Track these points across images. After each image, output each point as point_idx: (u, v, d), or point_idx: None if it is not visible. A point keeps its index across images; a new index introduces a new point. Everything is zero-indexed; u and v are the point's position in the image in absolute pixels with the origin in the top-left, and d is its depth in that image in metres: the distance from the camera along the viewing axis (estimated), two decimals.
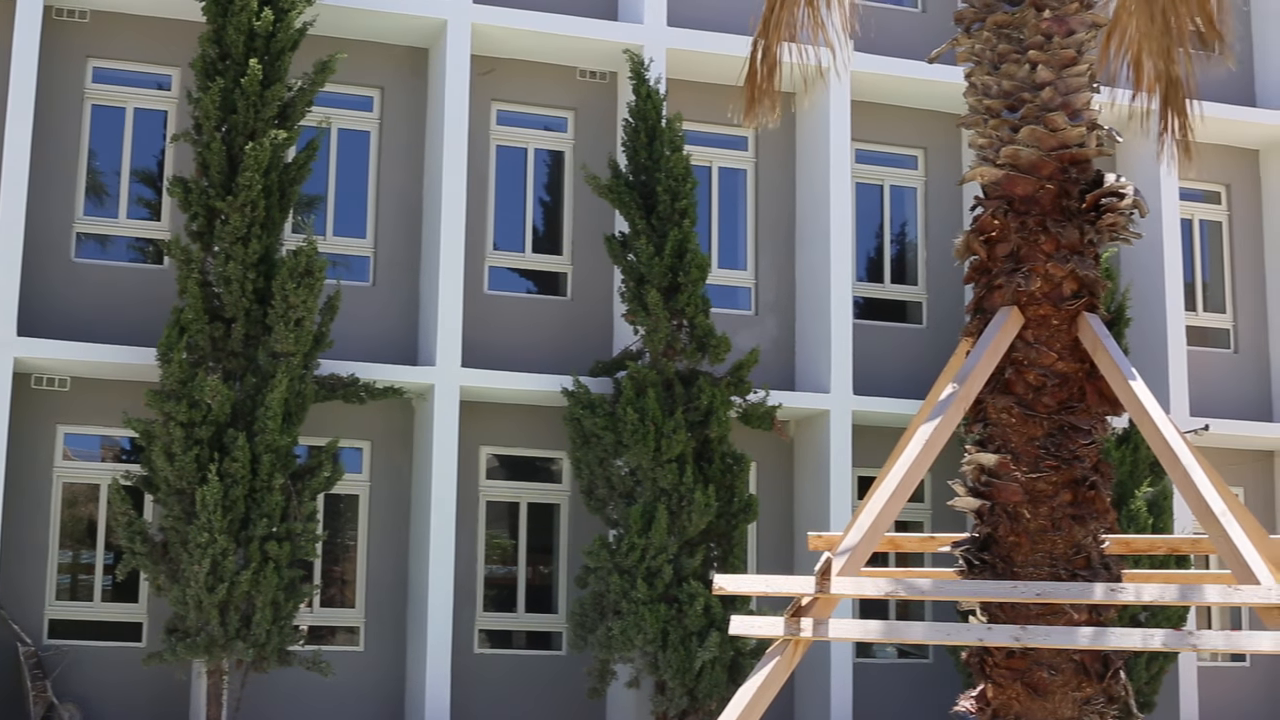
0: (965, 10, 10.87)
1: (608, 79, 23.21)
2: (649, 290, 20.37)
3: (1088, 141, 10.53)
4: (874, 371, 23.52)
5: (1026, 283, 10.24)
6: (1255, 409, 26.09)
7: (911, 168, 24.79)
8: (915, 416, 10.45)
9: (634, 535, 19.77)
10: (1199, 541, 11.05)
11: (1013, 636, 9.07)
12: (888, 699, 23.17)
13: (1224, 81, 26.34)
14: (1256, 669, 25.52)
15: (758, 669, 9.21)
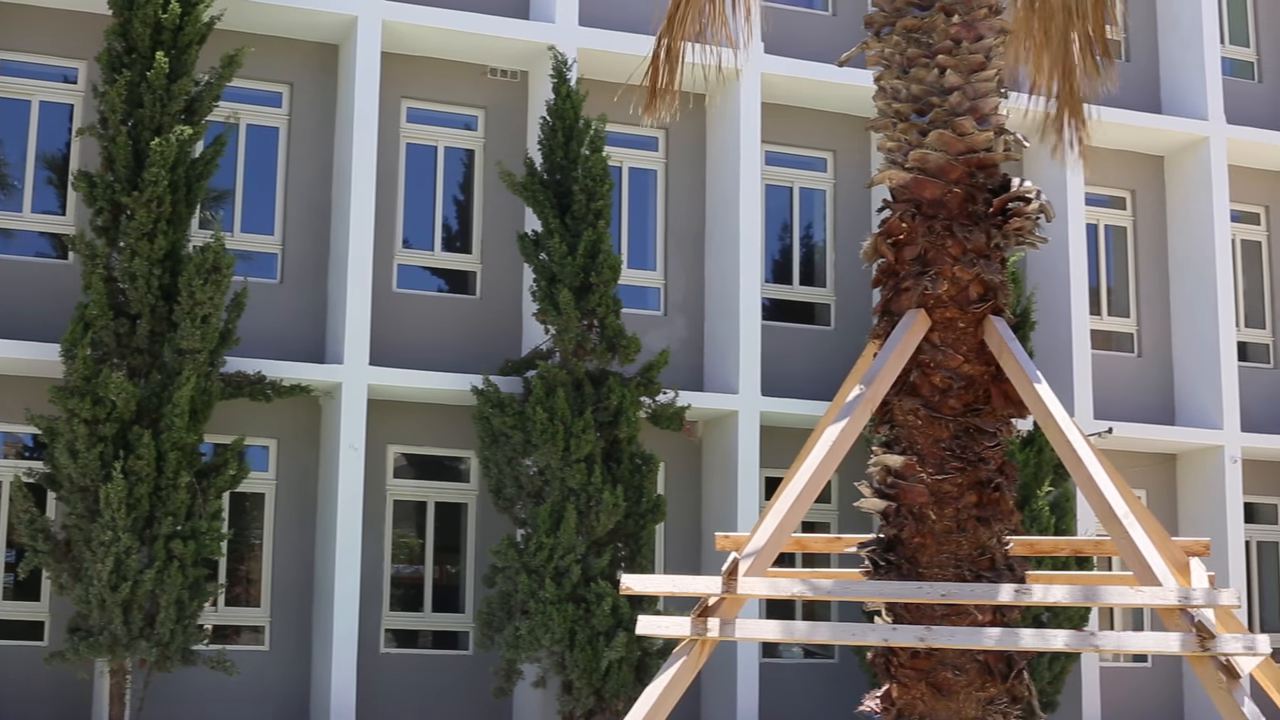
0: (875, 14, 10.92)
1: (519, 78, 23.17)
2: (561, 290, 20.34)
3: (995, 146, 10.61)
4: (782, 373, 23.59)
5: (933, 286, 10.30)
6: (1158, 412, 26.37)
7: (821, 170, 24.89)
8: (822, 418, 10.49)
9: (542, 535, 19.74)
10: (1102, 543, 11.15)
11: (917, 637, 9.12)
12: (794, 699, 23.25)
13: (1130, 89, 26.63)
14: (1157, 669, 25.80)
15: (664, 669, 9.22)
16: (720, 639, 9.25)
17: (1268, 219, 27.85)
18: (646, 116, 11.73)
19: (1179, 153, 26.84)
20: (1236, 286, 27.19)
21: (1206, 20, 26.39)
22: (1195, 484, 26.09)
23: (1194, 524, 25.80)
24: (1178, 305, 26.66)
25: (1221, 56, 27.40)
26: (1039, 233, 10.60)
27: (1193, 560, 10.58)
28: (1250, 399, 26.74)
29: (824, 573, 11.49)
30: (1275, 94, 28.17)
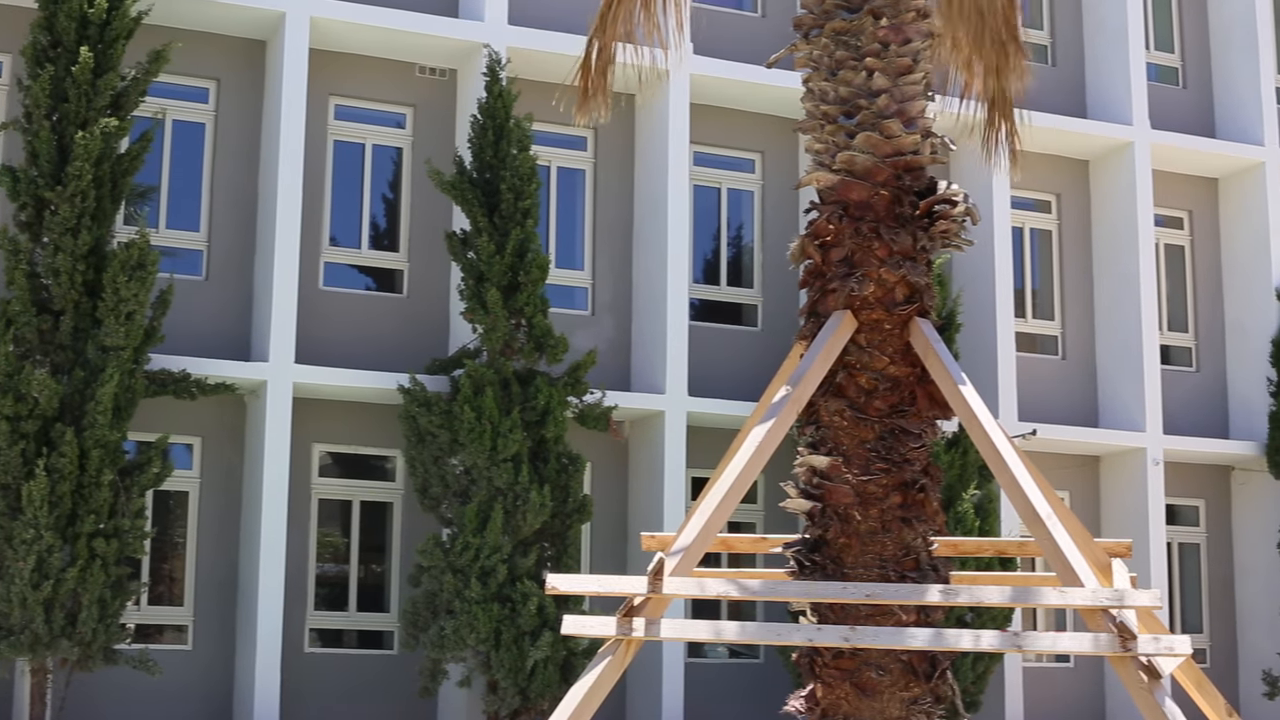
0: (804, 16, 10.95)
1: (448, 76, 23.12)
2: (488, 289, 20.31)
3: (922, 149, 10.66)
4: (709, 373, 23.63)
5: (860, 287, 10.34)
6: (1082, 414, 26.57)
7: (749, 171, 24.95)
8: (749, 418, 10.51)
9: (468, 534, 19.70)
10: (1025, 544, 11.22)
11: (842, 637, 9.15)
12: (719, 699, 23.29)
13: (1056, 93, 26.82)
14: (1080, 669, 25.99)
15: (590, 668, 9.22)
16: (645, 639, 9.25)
17: (1191, 224, 28.11)
18: (579, 118, 11.73)
19: (1104, 157, 27.05)
20: (1160, 290, 27.42)
21: (1132, 26, 26.61)
22: (1118, 486, 26.30)
23: (1116, 525, 26.00)
24: (1101, 308, 26.87)
25: (1146, 62, 27.63)
26: (965, 235, 10.65)
27: (1115, 561, 10.66)
28: (1172, 402, 26.98)
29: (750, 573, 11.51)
30: (1199, 100, 28.43)
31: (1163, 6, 28.52)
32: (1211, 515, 27.61)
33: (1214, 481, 27.65)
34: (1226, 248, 28.12)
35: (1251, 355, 27.31)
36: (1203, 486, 27.53)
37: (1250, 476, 27.23)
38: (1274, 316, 26.89)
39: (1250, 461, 27.04)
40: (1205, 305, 27.97)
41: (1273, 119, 27.55)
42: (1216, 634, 27.24)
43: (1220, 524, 27.61)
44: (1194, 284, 28.00)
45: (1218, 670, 26.86)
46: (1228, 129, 28.08)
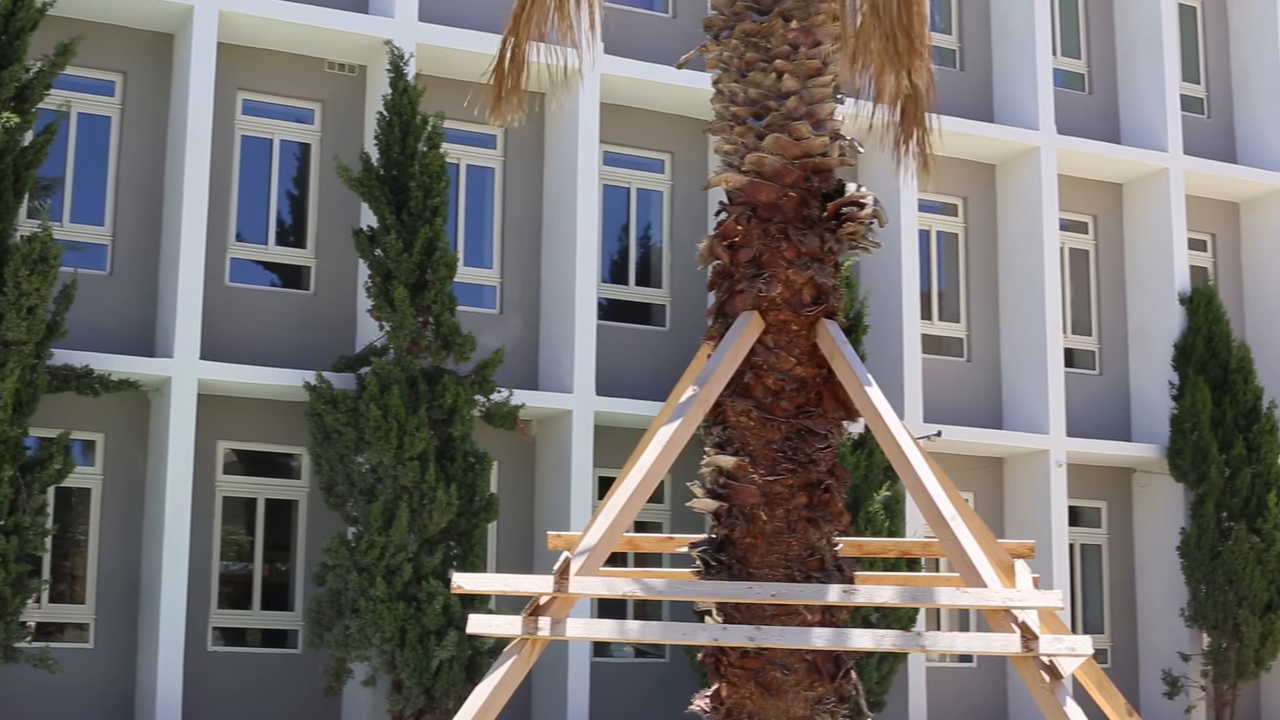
0: (715, 18, 10.98)
1: (357, 72, 23.01)
2: (396, 286, 20.24)
3: (830, 151, 10.71)
4: (617, 373, 23.64)
5: (767, 288, 10.38)
6: (986, 416, 26.78)
7: (658, 171, 24.98)
8: (656, 418, 10.53)
9: (374, 533, 19.63)
10: (930, 545, 11.30)
11: (747, 636, 9.18)
12: (625, 698, 23.31)
13: (964, 98, 27.01)
14: (982, 669, 26.18)
15: (495, 668, 9.20)
16: (551, 638, 9.25)
17: (1095, 228, 28.39)
18: (493, 119, 11.71)
19: (1010, 161, 27.26)
20: (1064, 294, 27.68)
21: (1039, 32, 26.83)
22: (1021, 487, 26.52)
23: (1020, 526, 26.22)
24: (1007, 311, 27.09)
25: (1053, 68, 27.88)
26: (872, 238, 10.70)
27: (1018, 562, 10.75)
28: (1076, 404, 27.24)
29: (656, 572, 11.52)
30: (1105, 105, 28.72)
31: (1070, 13, 28.79)
32: (1113, 517, 27.89)
33: (1116, 483, 27.93)
34: (1130, 252, 28.41)
35: (1154, 359, 27.61)
36: (1105, 488, 27.80)
37: (1151, 479, 27.53)
38: (1176, 321, 27.20)
39: (1152, 464, 27.34)
40: (1109, 309, 28.26)
41: (1177, 125, 27.87)
42: (1117, 634, 27.53)
43: (1122, 525, 27.90)
44: (1098, 288, 28.28)
45: (1118, 670, 27.14)
46: (1133, 135, 28.39)
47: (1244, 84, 29.79)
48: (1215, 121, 29.81)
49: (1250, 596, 25.65)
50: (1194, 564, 26.18)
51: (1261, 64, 29.40)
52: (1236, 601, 25.76)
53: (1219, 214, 29.50)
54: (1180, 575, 26.63)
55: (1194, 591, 26.24)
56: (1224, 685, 26.14)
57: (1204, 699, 26.42)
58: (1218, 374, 26.72)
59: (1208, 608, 25.98)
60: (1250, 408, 26.62)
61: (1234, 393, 26.60)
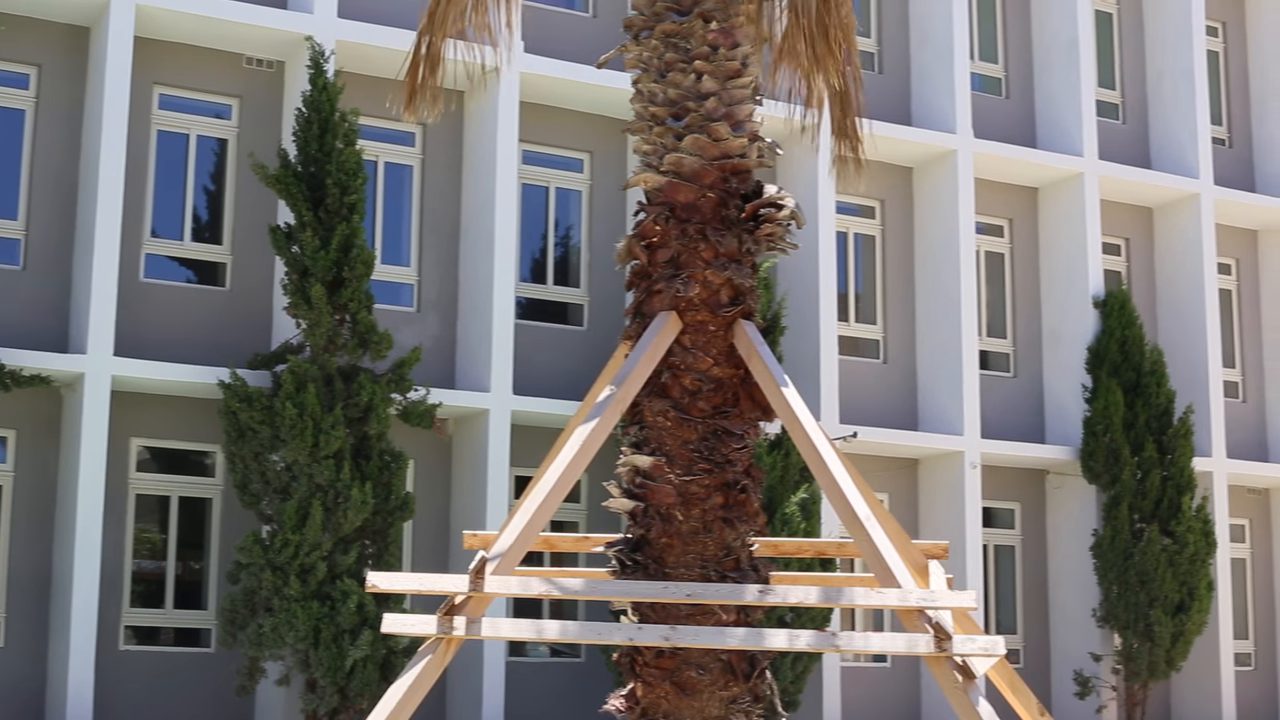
0: (635, 18, 10.98)
1: (275, 68, 22.87)
2: (313, 284, 20.14)
3: (749, 152, 10.73)
4: (534, 372, 23.62)
5: (685, 289, 10.39)
6: (902, 417, 26.92)
7: (577, 171, 24.96)
8: (573, 418, 10.53)
9: (288, 531, 19.52)
10: (845, 545, 11.34)
11: (662, 636, 9.19)
12: (540, 698, 23.28)
13: (882, 101, 27.13)
14: (896, 669, 26.32)
15: (409, 667, 9.18)
16: (466, 638, 9.23)
17: (1011, 232, 28.59)
18: (408, 115, 11.66)
19: (927, 164, 27.42)
20: (979, 297, 27.86)
21: (957, 36, 27.00)
22: (936, 488, 26.68)
23: (934, 527, 26.37)
24: (923, 314, 27.24)
25: (971, 72, 28.07)
26: (790, 239, 10.74)
27: (932, 563, 10.81)
28: (990, 406, 27.42)
29: (571, 572, 11.52)
30: (1022, 110, 28.93)
31: (987, 18, 28.98)
32: (1027, 518, 28.10)
33: (1029, 485, 28.15)
34: (1045, 256, 28.64)
35: (1067, 362, 27.84)
36: (1018, 490, 28.01)
37: (1064, 481, 27.76)
38: (1090, 324, 27.44)
39: (1065, 466, 27.57)
40: (1023, 312, 28.47)
41: (1092, 130, 28.11)
42: (1030, 635, 27.74)
43: (1035, 527, 28.12)
44: (1013, 291, 28.49)
45: (1031, 670, 27.34)
46: (1048, 139, 28.61)
47: (1158, 90, 30.08)
48: (1130, 127, 30.09)
49: (1162, 597, 25.91)
50: (1106, 565, 26.42)
51: (1176, 71, 29.69)
52: (1148, 602, 26.01)
53: (1133, 219, 29.78)
54: (1093, 576, 26.87)
55: (1106, 592, 26.47)
56: (1135, 685, 26.39)
57: (1115, 699, 26.66)
58: (1130, 377, 26.97)
59: (1119, 608, 26.22)
60: (1162, 411, 26.89)
61: (1146, 396, 26.86)
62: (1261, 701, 29.65)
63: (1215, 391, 28.56)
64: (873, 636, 9.35)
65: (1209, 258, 28.99)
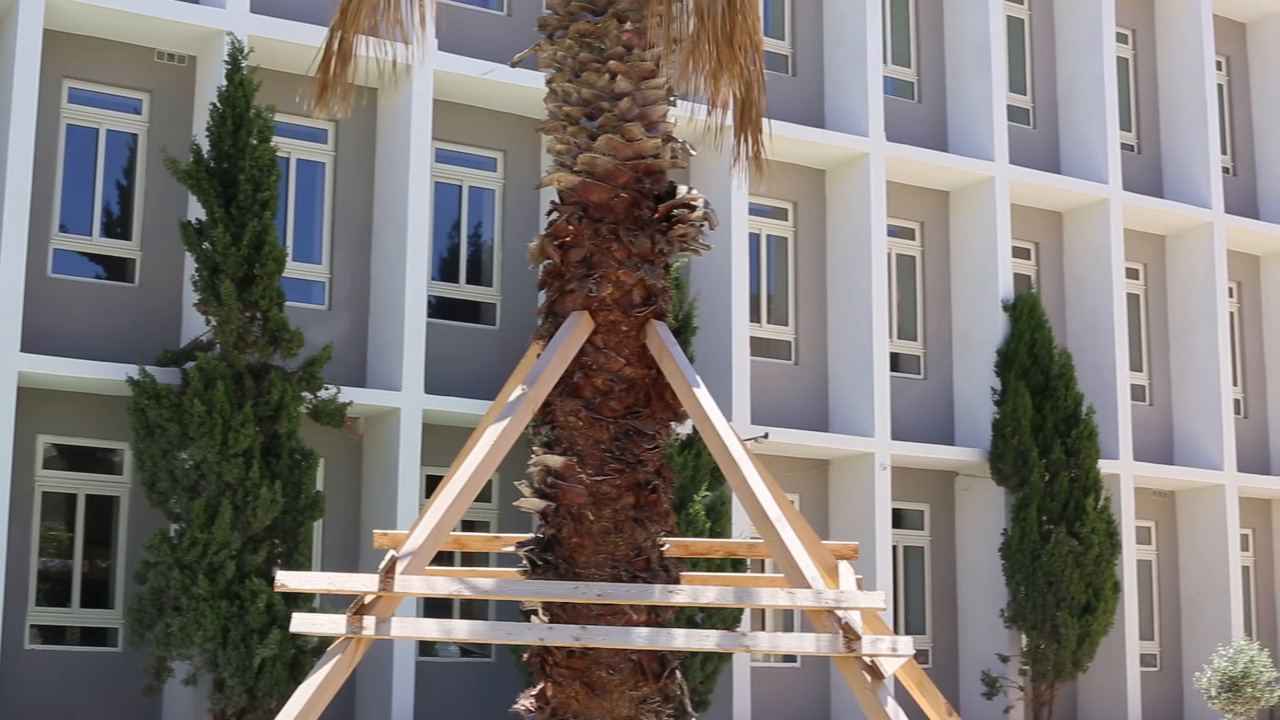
0: (549, 17, 10.98)
1: (187, 62, 22.71)
2: (223, 280, 20.00)
3: (662, 153, 10.76)
4: (446, 371, 23.56)
5: (598, 289, 10.40)
6: (813, 419, 27.03)
7: (491, 170, 24.92)
8: (485, 417, 10.51)
9: (196, 530, 19.39)
10: (755, 546, 11.38)
11: (573, 636, 9.19)
12: (450, 698, 23.23)
13: (795, 103, 27.24)
14: (806, 669, 26.42)
15: (318, 667, 9.13)
16: (375, 637, 9.20)
17: (922, 235, 28.77)
18: (317, 110, 11.60)
19: (840, 167, 27.54)
20: (890, 299, 28.03)
21: (870, 40, 27.13)
22: (846, 489, 26.80)
23: (844, 528, 26.50)
24: (834, 315, 27.36)
25: (884, 76, 28.23)
26: (702, 240, 10.77)
27: (841, 563, 10.86)
28: (901, 408, 27.59)
29: (481, 571, 11.51)
30: (934, 114, 29.12)
31: (901, 23, 29.16)
32: (936, 519, 28.29)
33: (939, 487, 28.34)
34: (956, 259, 28.83)
35: (977, 364, 28.04)
36: (928, 491, 28.19)
37: (973, 482, 27.96)
38: (1000, 327, 27.65)
39: (974, 468, 27.77)
40: (934, 315, 28.66)
41: (1003, 135, 28.33)
42: (938, 635, 27.92)
43: (944, 528, 28.31)
44: (924, 294, 28.67)
45: (939, 670, 27.53)
46: (960, 143, 28.81)
47: (1069, 96, 30.36)
48: (1040, 132, 30.35)
49: (1069, 598, 26.15)
50: (1014, 566, 26.64)
51: (1086, 77, 29.98)
52: (1055, 603, 26.24)
53: (1043, 223, 30.05)
54: (1000, 577, 27.08)
55: (1014, 593, 26.69)
56: (1042, 685, 26.62)
57: (1022, 699, 26.88)
58: (1039, 380, 27.19)
59: (1027, 609, 26.44)
60: (1070, 413, 27.13)
61: (1054, 398, 27.10)
62: (1166, 702, 29.98)
63: (1122, 395, 28.85)
64: (782, 637, 9.39)
65: (1117, 262, 29.28)
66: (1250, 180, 33.20)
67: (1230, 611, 29.51)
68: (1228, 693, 25.38)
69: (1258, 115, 33.38)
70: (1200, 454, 30.49)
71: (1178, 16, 31.79)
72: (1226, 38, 33.33)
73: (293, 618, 9.49)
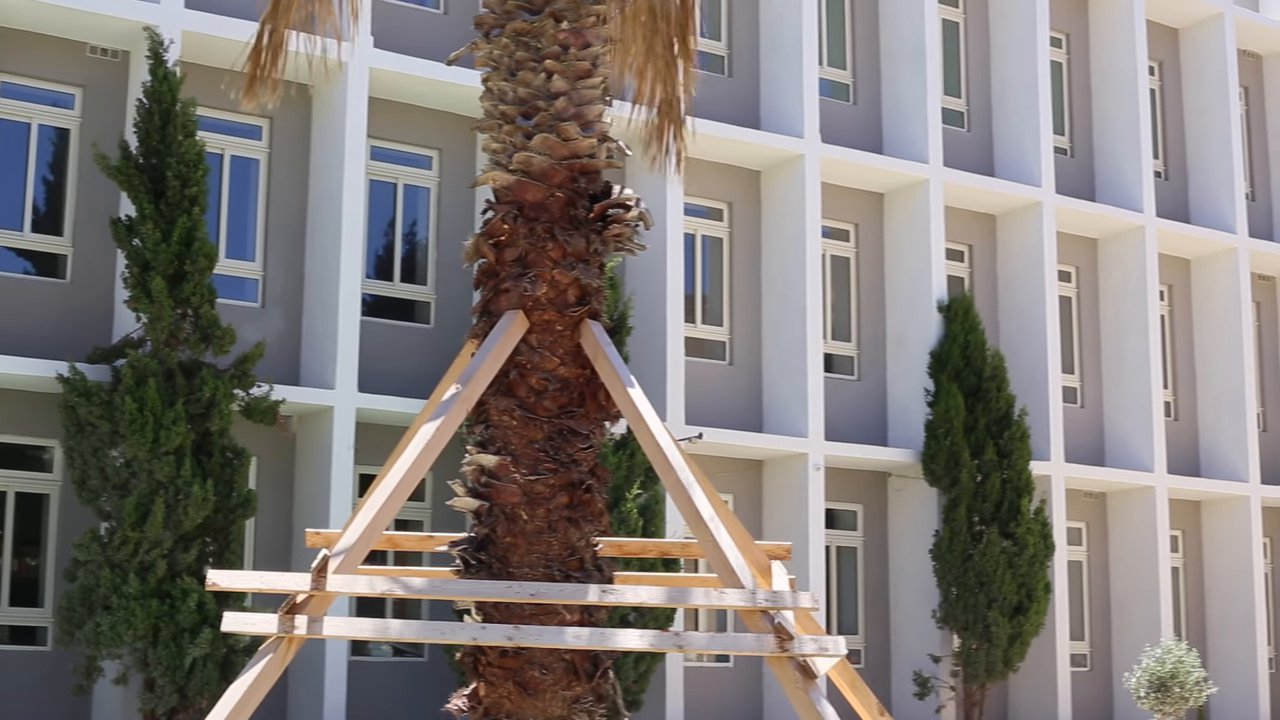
0: (486, 15, 10.95)
1: (120, 57, 22.55)
2: (154, 277, 19.88)
3: (598, 153, 10.75)
4: (380, 369, 23.49)
5: (533, 288, 10.39)
6: (747, 419, 27.08)
7: (426, 168, 24.86)
8: (419, 416, 10.48)
9: (127, 528, 19.26)
10: (689, 546, 11.39)
11: (506, 636, 9.17)
12: (383, 697, 23.16)
13: (731, 104, 27.29)
14: (739, 669, 26.47)
15: (249, 666, 9.09)
16: (307, 637, 9.15)
17: (857, 236, 28.86)
18: (246, 104, 11.53)
19: (775, 169, 27.60)
20: (825, 300, 28.12)
21: (806, 42, 27.21)
22: (780, 490, 26.86)
23: (778, 528, 26.55)
24: (769, 316, 27.42)
25: (819, 77, 28.31)
26: (638, 240, 10.77)
27: (775, 564, 10.89)
28: (834, 409, 27.67)
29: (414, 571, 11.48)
30: (868, 116, 29.22)
31: (836, 25, 29.24)
32: (869, 520, 28.39)
33: (872, 487, 28.44)
34: (890, 261, 28.94)
35: (911, 366, 28.16)
36: (861, 492, 28.29)
37: (906, 483, 28.08)
38: (934, 328, 27.77)
39: (907, 469, 27.88)
40: (868, 316, 28.76)
41: (937, 137, 28.46)
42: (871, 635, 28.02)
43: (877, 529, 28.41)
44: (858, 295, 28.77)
45: (872, 671, 27.62)
46: (895, 145, 28.92)
47: (1003, 99, 30.53)
48: (975, 135, 30.50)
49: (1000, 599, 26.29)
50: (946, 567, 26.76)
51: (1020, 81, 30.15)
52: (987, 604, 26.38)
53: (976, 225, 30.20)
54: (933, 578, 27.20)
55: (945, 594, 26.82)
56: (973, 686, 26.76)
57: (954, 699, 27.01)
58: (972, 381, 27.33)
59: (959, 609, 26.57)
60: (1002, 415, 27.28)
61: (987, 400, 27.24)
62: (1096, 702, 30.19)
63: (1054, 396, 29.03)
64: (715, 637, 9.40)
65: (1050, 265, 29.46)
66: (1182, 184, 33.47)
67: (1160, 612, 29.73)
68: (1156, 693, 25.58)
69: (1189, 120, 33.66)
70: (1131, 456, 30.71)
71: (1111, 22, 32.02)
72: (1159, 43, 33.58)
73: (224, 617, 9.44)
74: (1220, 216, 32.76)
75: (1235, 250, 32.42)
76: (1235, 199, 32.60)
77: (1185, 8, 33.17)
